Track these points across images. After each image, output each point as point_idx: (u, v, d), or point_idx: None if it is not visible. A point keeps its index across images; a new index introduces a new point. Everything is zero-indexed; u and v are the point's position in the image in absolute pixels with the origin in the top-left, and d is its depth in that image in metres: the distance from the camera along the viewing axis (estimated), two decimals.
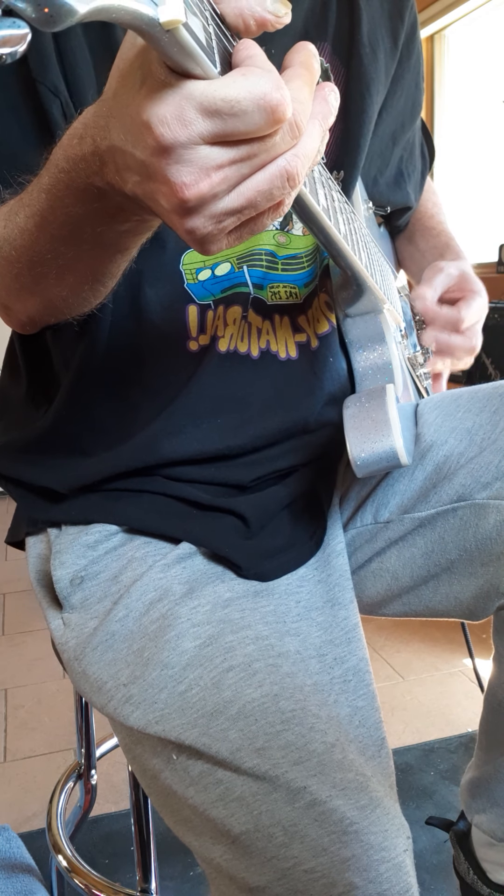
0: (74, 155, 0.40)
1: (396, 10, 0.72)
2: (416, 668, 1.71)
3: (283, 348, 0.66)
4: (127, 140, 0.35)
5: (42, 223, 0.45)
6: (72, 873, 0.86)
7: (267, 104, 0.32)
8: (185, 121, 0.32)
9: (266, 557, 0.62)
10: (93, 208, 0.42)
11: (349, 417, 0.58)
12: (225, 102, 0.32)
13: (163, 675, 0.53)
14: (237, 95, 0.32)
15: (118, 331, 0.62)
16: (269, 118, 0.32)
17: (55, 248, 0.46)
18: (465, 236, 2.55)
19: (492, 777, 0.80)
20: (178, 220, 0.35)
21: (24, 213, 0.47)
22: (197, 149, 0.33)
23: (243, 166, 0.34)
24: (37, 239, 0.46)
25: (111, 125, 0.36)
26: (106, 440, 0.65)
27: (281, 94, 0.32)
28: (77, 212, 0.42)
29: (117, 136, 0.36)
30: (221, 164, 0.33)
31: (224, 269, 0.63)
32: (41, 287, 0.51)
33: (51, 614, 0.63)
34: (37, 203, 0.45)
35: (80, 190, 0.41)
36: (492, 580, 0.64)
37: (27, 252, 0.48)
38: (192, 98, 0.32)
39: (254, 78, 0.32)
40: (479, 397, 0.68)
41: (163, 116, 0.32)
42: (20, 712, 1.62)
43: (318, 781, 0.47)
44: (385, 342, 0.66)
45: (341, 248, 0.54)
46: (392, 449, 0.56)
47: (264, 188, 0.35)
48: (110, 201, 0.40)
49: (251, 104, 0.32)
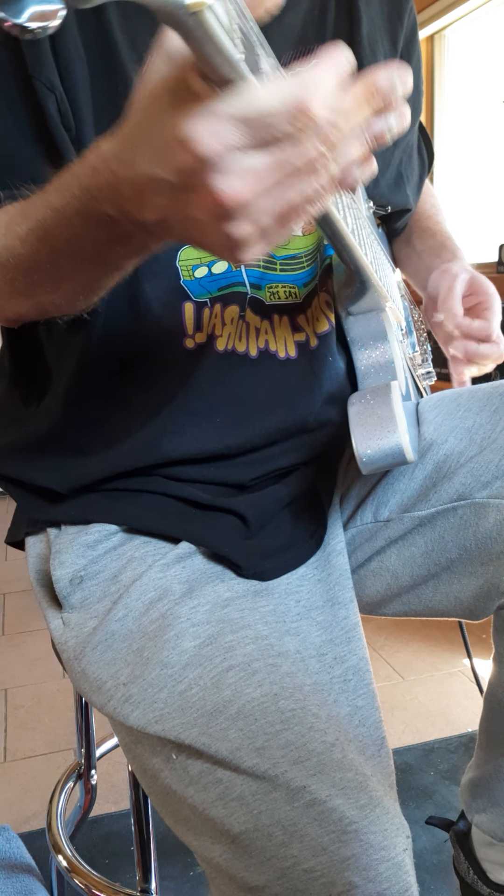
0: (89, 185, 0.41)
1: (396, 11, 0.72)
2: (416, 668, 1.71)
3: (283, 348, 0.66)
4: (156, 162, 0.36)
5: (45, 237, 0.46)
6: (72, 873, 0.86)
7: (297, 108, 0.33)
8: (219, 133, 0.34)
9: (266, 557, 0.62)
10: (101, 232, 0.43)
11: (355, 414, 0.58)
12: (256, 111, 0.33)
13: (162, 675, 0.53)
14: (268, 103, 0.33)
15: (113, 327, 0.62)
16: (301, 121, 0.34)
17: (55, 260, 0.47)
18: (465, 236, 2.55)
19: (492, 777, 0.80)
20: (217, 227, 0.37)
21: (26, 225, 0.48)
22: (233, 156, 0.34)
23: (278, 172, 0.35)
24: (38, 251, 0.48)
25: (136, 154, 0.37)
26: (104, 439, 0.65)
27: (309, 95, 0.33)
28: (84, 233, 0.44)
29: (143, 162, 0.37)
30: (258, 169, 0.35)
31: (221, 266, 0.63)
32: (35, 292, 0.52)
33: (50, 614, 0.63)
34: (41, 217, 0.46)
35: (90, 216, 0.42)
36: (492, 579, 0.64)
37: (25, 261, 0.49)
38: (223, 110, 0.33)
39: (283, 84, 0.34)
40: (480, 396, 0.68)
41: (198, 130, 0.34)
42: (20, 712, 1.62)
43: (317, 781, 0.47)
44: (387, 340, 0.66)
45: (348, 243, 0.54)
46: (398, 445, 0.56)
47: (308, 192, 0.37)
48: (120, 228, 0.42)
49: (282, 109, 0.33)
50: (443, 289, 0.73)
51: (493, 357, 0.73)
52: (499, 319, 0.73)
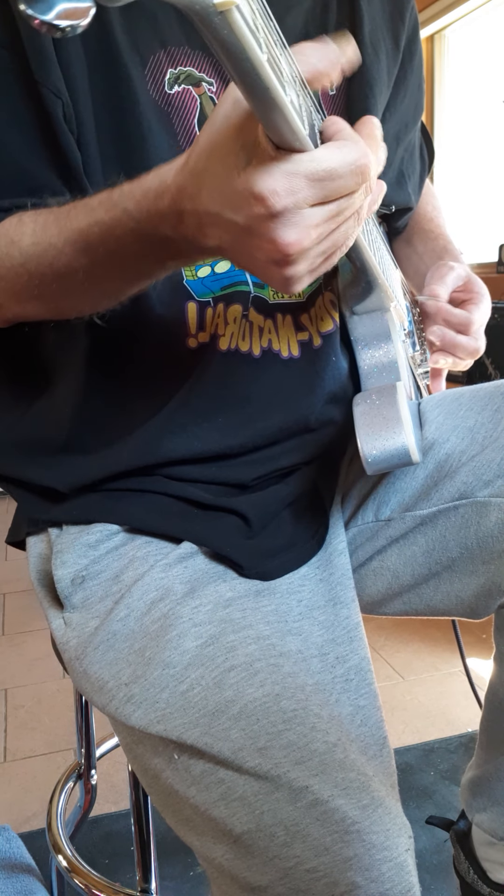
0: (150, 208, 0.44)
1: (397, 11, 0.71)
2: (416, 668, 1.71)
3: (286, 347, 0.66)
4: (225, 207, 0.40)
5: (87, 249, 0.49)
6: (72, 873, 0.86)
7: (358, 169, 0.40)
8: (293, 191, 0.38)
9: (267, 557, 0.62)
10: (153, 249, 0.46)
11: (360, 415, 0.58)
12: (327, 172, 0.38)
13: (164, 675, 0.53)
14: (337, 166, 0.39)
15: (116, 326, 0.62)
16: (360, 180, 0.40)
17: (90, 271, 0.50)
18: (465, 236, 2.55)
19: (492, 776, 0.80)
20: (278, 270, 0.42)
21: (62, 236, 0.49)
22: (301, 212, 0.39)
23: (333, 221, 0.41)
24: (74, 261, 0.50)
25: (203, 193, 0.41)
26: (106, 438, 0.65)
27: (368, 159, 0.40)
28: (135, 249, 0.47)
29: (211, 203, 0.41)
30: (319, 223, 0.40)
31: (224, 266, 0.63)
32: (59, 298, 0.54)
33: (52, 614, 0.63)
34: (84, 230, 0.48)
35: (145, 234, 0.45)
36: (493, 578, 0.64)
37: (60, 269, 0.51)
38: (298, 172, 0.38)
39: (347, 149, 0.40)
40: (481, 396, 0.68)
41: (273, 189, 0.38)
42: (20, 712, 1.62)
43: (319, 781, 0.47)
44: (391, 340, 0.66)
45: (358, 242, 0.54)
46: (404, 446, 0.56)
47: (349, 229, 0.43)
48: (174, 246, 0.45)
49: (347, 171, 0.39)
50: (434, 276, 0.74)
51: (468, 350, 0.72)
52: (482, 316, 0.73)
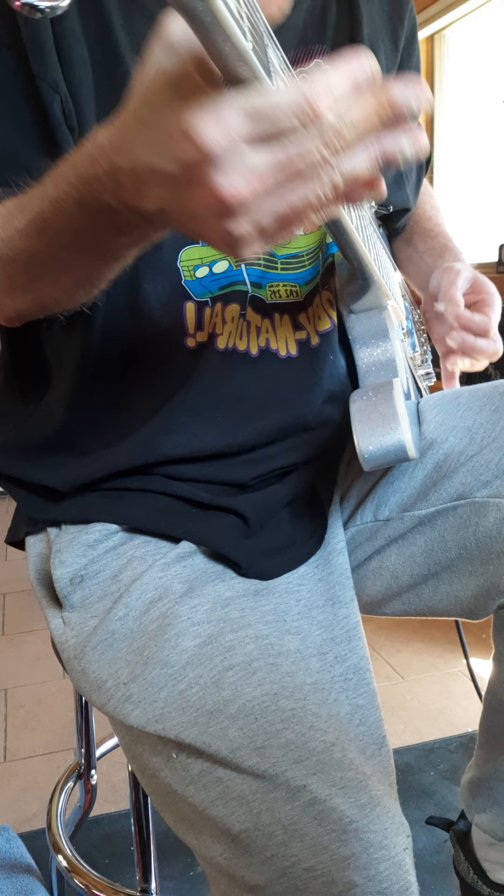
0: (87, 175, 0.41)
1: (396, 12, 0.72)
2: (416, 668, 1.71)
3: (283, 346, 0.66)
4: (158, 153, 0.36)
5: (43, 228, 0.46)
6: (72, 873, 0.86)
7: (308, 106, 0.33)
8: (227, 127, 0.33)
9: (266, 556, 0.62)
10: (101, 222, 0.43)
11: (356, 411, 0.58)
12: (266, 104, 0.33)
13: (163, 674, 0.53)
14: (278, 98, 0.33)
15: (114, 327, 0.62)
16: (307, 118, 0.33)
17: (54, 253, 0.47)
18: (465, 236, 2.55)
19: (492, 776, 0.80)
20: (217, 223, 0.36)
21: (24, 218, 0.47)
22: (237, 153, 0.34)
23: (283, 174, 0.35)
24: (36, 243, 0.47)
25: (135, 144, 0.37)
26: (104, 437, 0.65)
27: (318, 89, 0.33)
28: (82, 223, 0.43)
29: (144, 153, 0.36)
30: (260, 168, 0.34)
31: (222, 266, 0.63)
32: (34, 286, 0.51)
33: (51, 613, 0.63)
34: (39, 210, 0.45)
35: (89, 206, 0.42)
36: (492, 578, 0.64)
37: (24, 254, 0.48)
38: (232, 104, 0.33)
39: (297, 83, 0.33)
40: (480, 396, 0.68)
41: (203, 122, 0.33)
42: (20, 712, 1.62)
43: (317, 780, 0.47)
44: (389, 339, 0.66)
45: (352, 238, 0.54)
46: (400, 442, 0.56)
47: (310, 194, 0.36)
48: (121, 217, 0.41)
49: (291, 107, 0.33)
50: (445, 282, 0.74)
51: (488, 353, 0.73)
52: (498, 317, 0.73)
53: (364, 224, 0.60)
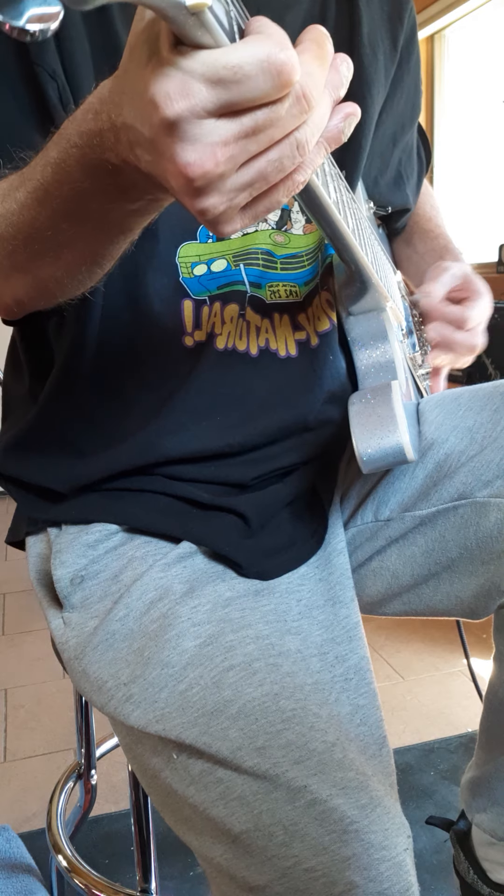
0: (89, 130, 0.39)
1: (396, 12, 0.72)
2: (416, 668, 1.71)
3: (283, 346, 0.66)
4: (136, 117, 0.34)
5: (45, 198, 0.44)
6: (72, 873, 0.86)
7: (270, 65, 0.31)
8: (188, 94, 0.31)
9: (267, 556, 0.62)
10: (104, 184, 0.41)
11: (355, 414, 0.58)
12: (228, 69, 0.31)
13: (163, 675, 0.53)
14: (239, 60, 0.31)
15: (112, 323, 0.62)
16: (276, 81, 0.31)
17: (56, 225, 0.45)
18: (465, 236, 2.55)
19: (492, 776, 0.80)
20: (189, 200, 0.35)
21: (24, 189, 0.46)
22: (202, 123, 0.32)
23: (250, 142, 0.33)
24: (38, 214, 0.45)
25: (124, 101, 0.36)
26: (104, 438, 0.65)
27: (286, 54, 0.31)
28: (86, 187, 0.42)
29: (129, 113, 0.35)
30: (227, 140, 0.32)
31: (220, 265, 0.63)
32: (35, 265, 0.50)
33: (51, 614, 0.63)
34: (41, 177, 0.44)
35: (92, 165, 0.40)
36: (492, 578, 0.64)
37: (25, 228, 0.47)
38: (194, 70, 0.31)
39: (257, 42, 0.31)
40: (480, 396, 0.68)
41: (166, 91, 0.31)
42: (20, 712, 1.62)
43: (318, 780, 0.47)
44: (388, 340, 0.66)
45: (349, 243, 0.54)
46: (399, 445, 0.56)
47: (274, 158, 0.35)
48: (125, 177, 0.40)
49: (254, 67, 0.31)
50: (429, 275, 0.74)
51: (465, 346, 0.72)
52: (480, 313, 0.73)
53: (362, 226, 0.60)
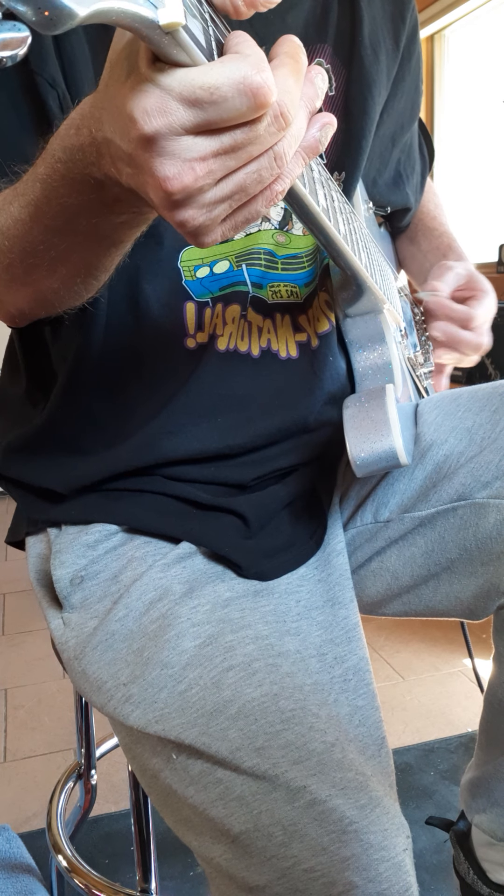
0: (71, 145, 0.40)
1: (398, 11, 0.72)
2: (416, 668, 1.71)
3: (284, 347, 0.66)
4: (115, 132, 0.35)
5: (36, 213, 0.45)
6: (72, 873, 0.86)
7: (247, 88, 0.31)
8: (165, 111, 0.31)
9: (266, 557, 0.62)
10: (89, 199, 0.41)
11: (349, 417, 0.58)
12: (204, 90, 0.31)
13: (163, 675, 0.53)
14: (216, 81, 0.31)
15: (115, 327, 0.62)
16: (251, 103, 0.31)
17: (48, 240, 0.46)
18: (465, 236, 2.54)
19: (492, 777, 0.80)
20: (168, 213, 0.35)
21: (18, 203, 0.46)
22: (180, 140, 0.32)
23: (229, 159, 0.33)
24: (30, 229, 0.46)
25: (104, 116, 0.36)
26: (105, 438, 0.65)
27: (262, 76, 0.31)
28: (72, 202, 0.42)
29: (109, 128, 0.36)
30: (205, 156, 0.33)
31: (222, 266, 0.63)
32: (32, 278, 0.50)
33: (51, 614, 0.63)
34: (31, 193, 0.45)
35: (76, 180, 0.41)
36: (492, 579, 0.64)
37: (20, 242, 0.47)
38: (172, 89, 0.31)
39: (233, 63, 0.31)
40: (479, 397, 0.68)
41: (144, 108, 0.32)
42: (20, 712, 1.62)
43: (317, 781, 0.47)
44: (385, 342, 0.66)
45: (341, 249, 0.54)
46: (392, 449, 0.56)
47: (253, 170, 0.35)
48: (107, 192, 0.40)
49: (231, 89, 0.31)
50: (433, 274, 0.74)
51: (471, 345, 0.73)
52: (485, 312, 0.73)
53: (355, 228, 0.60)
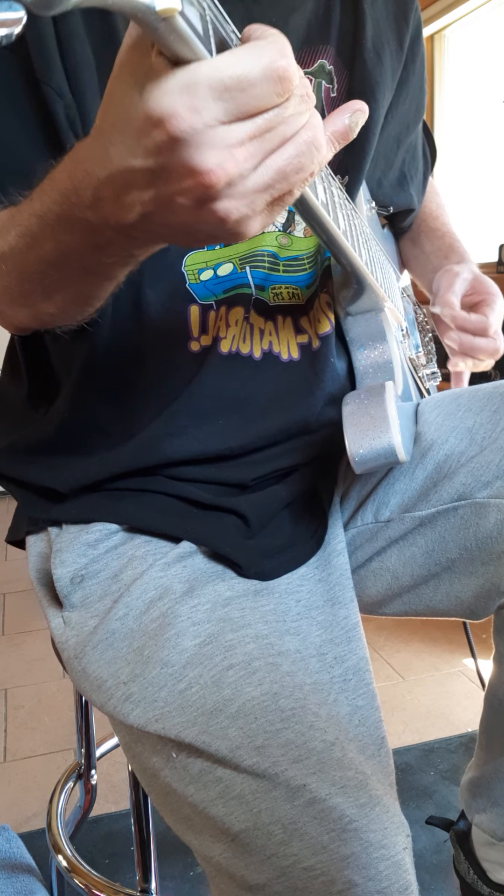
0: (65, 189, 0.40)
1: (401, 12, 0.71)
2: (416, 668, 1.71)
3: (286, 349, 0.66)
4: (129, 152, 0.34)
5: (32, 244, 0.46)
6: (72, 873, 0.86)
7: (274, 72, 0.32)
8: (196, 107, 0.31)
9: (266, 556, 0.62)
10: (80, 240, 0.42)
11: (348, 414, 0.58)
12: (233, 79, 0.31)
13: (163, 674, 0.53)
14: (244, 69, 0.31)
15: (120, 331, 0.62)
16: (278, 86, 0.32)
17: (43, 270, 0.47)
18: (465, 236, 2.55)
19: (492, 776, 0.80)
20: (210, 212, 0.35)
21: (15, 232, 0.47)
22: (216, 130, 0.32)
23: (264, 141, 0.34)
24: (26, 259, 0.47)
25: (109, 149, 0.36)
26: (107, 440, 0.66)
27: (286, 60, 0.32)
28: (67, 240, 0.43)
29: (117, 156, 0.35)
30: (242, 140, 0.33)
31: (226, 269, 0.63)
32: (30, 301, 0.51)
33: (51, 613, 0.63)
34: (27, 225, 0.45)
35: (70, 222, 0.41)
36: (492, 579, 0.64)
37: (16, 269, 0.49)
38: (198, 83, 0.31)
39: (259, 50, 0.32)
40: (480, 396, 0.68)
41: (172, 108, 0.31)
42: (20, 712, 1.62)
43: (317, 779, 0.47)
44: (386, 340, 0.66)
45: (340, 244, 0.54)
46: (390, 445, 0.56)
47: (292, 155, 0.35)
48: (100, 235, 0.40)
49: (259, 76, 0.31)
50: (442, 285, 0.74)
51: (488, 351, 0.73)
52: (498, 317, 0.73)
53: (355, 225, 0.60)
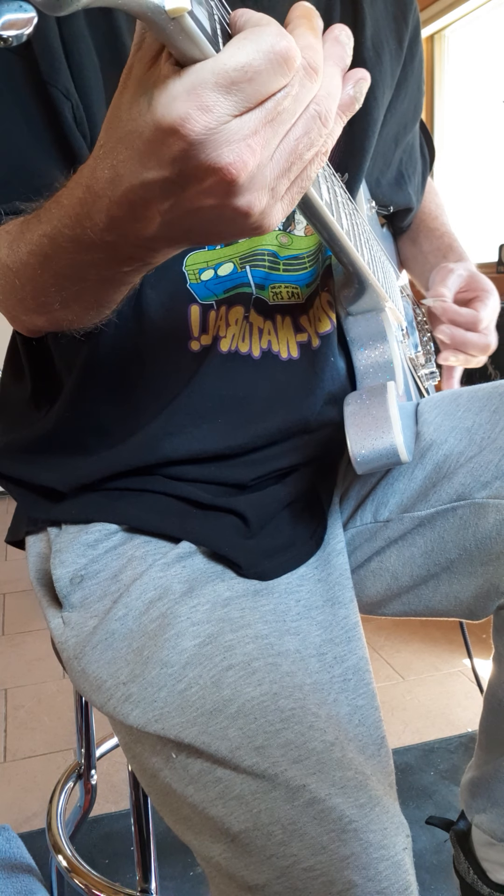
0: (76, 214, 0.40)
1: (400, 12, 0.71)
2: (416, 668, 1.71)
3: (285, 348, 0.66)
4: (143, 167, 0.34)
5: (45, 262, 0.46)
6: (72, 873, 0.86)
7: (276, 55, 0.32)
8: (206, 106, 0.31)
9: (266, 556, 0.62)
10: (99, 256, 0.42)
11: (350, 414, 0.58)
12: (238, 71, 0.31)
13: (162, 674, 0.53)
14: (247, 59, 0.31)
15: (120, 332, 0.62)
16: (283, 68, 0.32)
17: (59, 283, 0.47)
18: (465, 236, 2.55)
19: (492, 777, 0.80)
20: (230, 204, 0.35)
21: (26, 249, 0.47)
22: (227, 127, 0.32)
23: (276, 124, 0.34)
24: (40, 275, 0.47)
25: (117, 168, 0.36)
26: (107, 439, 0.66)
27: (286, 41, 0.32)
28: (80, 258, 0.43)
29: (129, 173, 0.35)
30: (256, 129, 0.33)
31: (227, 269, 0.63)
32: (46, 310, 0.52)
33: (51, 613, 0.63)
34: (38, 244, 0.46)
35: (85, 244, 0.42)
36: (492, 579, 0.64)
37: (31, 283, 0.49)
38: (204, 82, 0.31)
39: (255, 36, 0.32)
40: (479, 397, 0.68)
41: (184, 112, 0.31)
42: (20, 712, 1.62)
43: (317, 780, 0.47)
44: (386, 340, 0.66)
45: (343, 244, 0.54)
46: (392, 446, 0.56)
47: (301, 134, 0.35)
48: (119, 252, 0.41)
49: (262, 62, 0.31)
50: (437, 279, 0.74)
51: (478, 347, 0.72)
52: (491, 313, 0.73)
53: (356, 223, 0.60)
